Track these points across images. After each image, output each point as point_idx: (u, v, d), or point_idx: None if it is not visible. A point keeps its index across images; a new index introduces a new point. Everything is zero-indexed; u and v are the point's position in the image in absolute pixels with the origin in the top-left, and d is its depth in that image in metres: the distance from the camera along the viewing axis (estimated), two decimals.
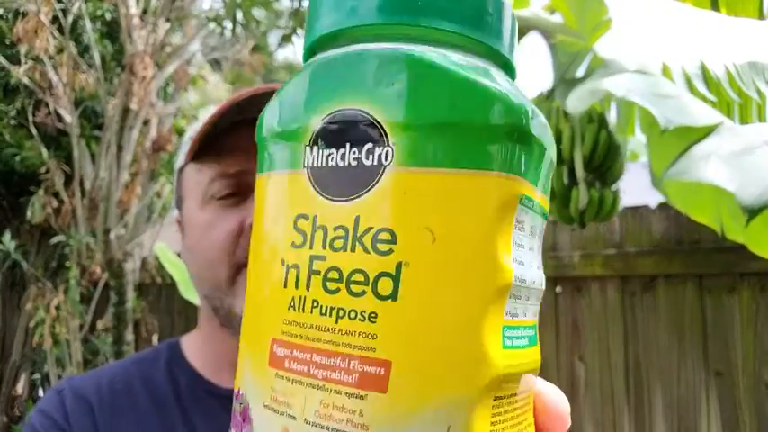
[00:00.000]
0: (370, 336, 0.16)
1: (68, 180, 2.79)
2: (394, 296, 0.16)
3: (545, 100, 1.47)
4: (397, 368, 0.16)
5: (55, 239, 2.76)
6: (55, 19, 2.58)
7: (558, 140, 1.43)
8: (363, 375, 0.16)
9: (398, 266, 0.16)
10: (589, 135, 1.49)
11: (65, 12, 2.56)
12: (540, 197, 0.19)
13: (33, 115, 2.87)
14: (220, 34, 2.52)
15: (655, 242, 1.81)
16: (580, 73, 1.42)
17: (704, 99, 1.80)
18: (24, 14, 2.76)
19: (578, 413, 1.81)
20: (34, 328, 2.56)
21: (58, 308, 2.49)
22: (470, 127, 0.16)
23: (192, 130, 0.60)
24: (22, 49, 2.55)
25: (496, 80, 0.17)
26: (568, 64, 1.37)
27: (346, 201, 0.17)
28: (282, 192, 0.19)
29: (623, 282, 1.84)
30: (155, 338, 2.91)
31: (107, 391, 0.58)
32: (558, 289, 1.91)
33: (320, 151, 0.18)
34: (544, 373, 0.21)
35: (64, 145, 3.12)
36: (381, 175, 0.17)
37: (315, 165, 0.18)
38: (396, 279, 0.16)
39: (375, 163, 0.17)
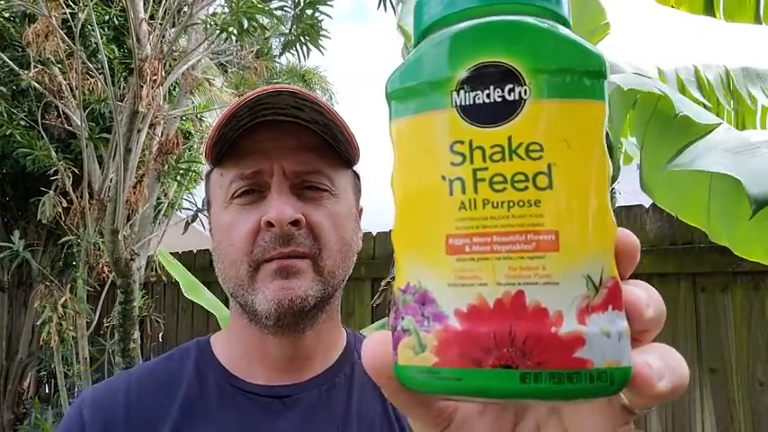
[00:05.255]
0: (538, 215, 0.23)
1: (77, 181, 2.83)
2: (550, 186, 0.23)
3: None
4: (562, 234, 0.23)
5: (64, 239, 2.80)
6: (63, 23, 2.63)
7: None
8: (540, 242, 0.23)
9: (549, 166, 0.23)
10: None
11: (73, 16, 2.61)
12: None
13: (43, 118, 2.92)
14: (225, 39, 2.58)
15: (649, 241, 1.83)
16: None
17: (699, 103, 1.83)
18: (32, 17, 2.81)
19: None
20: (41, 326, 2.59)
21: (64, 306, 2.52)
22: (580, 70, 0.24)
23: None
24: (31, 52, 2.60)
25: (580, 38, 0.25)
26: None
27: (497, 126, 0.24)
28: (431, 127, 0.25)
29: None
30: (160, 336, 2.95)
31: (135, 390, 0.61)
32: None
33: (466, 93, 0.24)
34: None
35: (72, 147, 3.17)
36: (523, 106, 0.23)
37: (462, 104, 0.24)
38: (549, 175, 0.23)
39: (517, 98, 0.24)
